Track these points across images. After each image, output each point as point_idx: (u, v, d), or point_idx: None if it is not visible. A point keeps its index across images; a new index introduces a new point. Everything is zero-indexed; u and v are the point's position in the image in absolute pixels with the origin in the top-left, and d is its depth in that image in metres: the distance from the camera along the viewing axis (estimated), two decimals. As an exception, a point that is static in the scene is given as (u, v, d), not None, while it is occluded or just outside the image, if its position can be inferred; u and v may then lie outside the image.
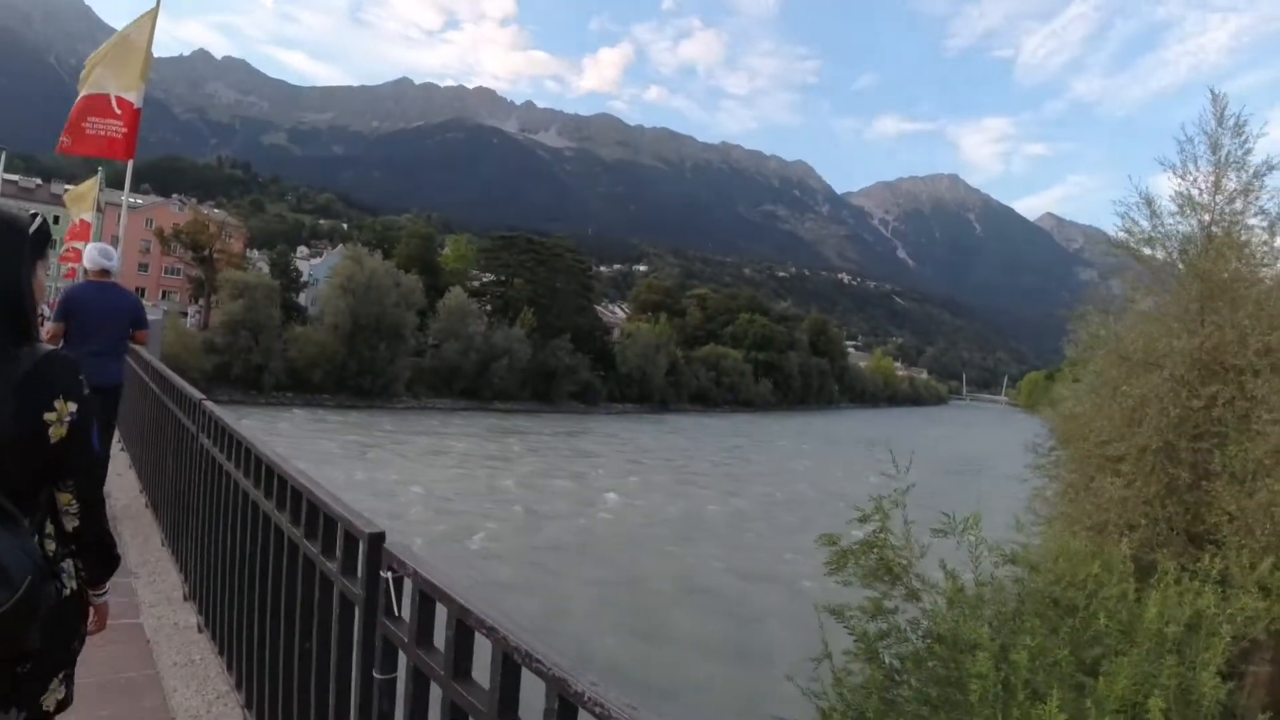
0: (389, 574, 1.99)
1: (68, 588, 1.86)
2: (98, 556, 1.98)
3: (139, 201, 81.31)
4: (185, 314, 69.37)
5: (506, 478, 35.29)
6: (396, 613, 1.98)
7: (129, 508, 6.57)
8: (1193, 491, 7.89)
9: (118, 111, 9.37)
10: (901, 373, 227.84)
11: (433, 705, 1.81)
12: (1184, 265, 8.68)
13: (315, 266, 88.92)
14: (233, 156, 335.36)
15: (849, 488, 41.00)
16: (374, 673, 2.05)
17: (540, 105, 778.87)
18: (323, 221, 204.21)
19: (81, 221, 17.28)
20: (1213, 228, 8.63)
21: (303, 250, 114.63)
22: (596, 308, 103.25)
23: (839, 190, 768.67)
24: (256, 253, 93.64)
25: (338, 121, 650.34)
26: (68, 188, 69.36)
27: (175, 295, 77.71)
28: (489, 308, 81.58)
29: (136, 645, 4.05)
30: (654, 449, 52.62)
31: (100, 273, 6.55)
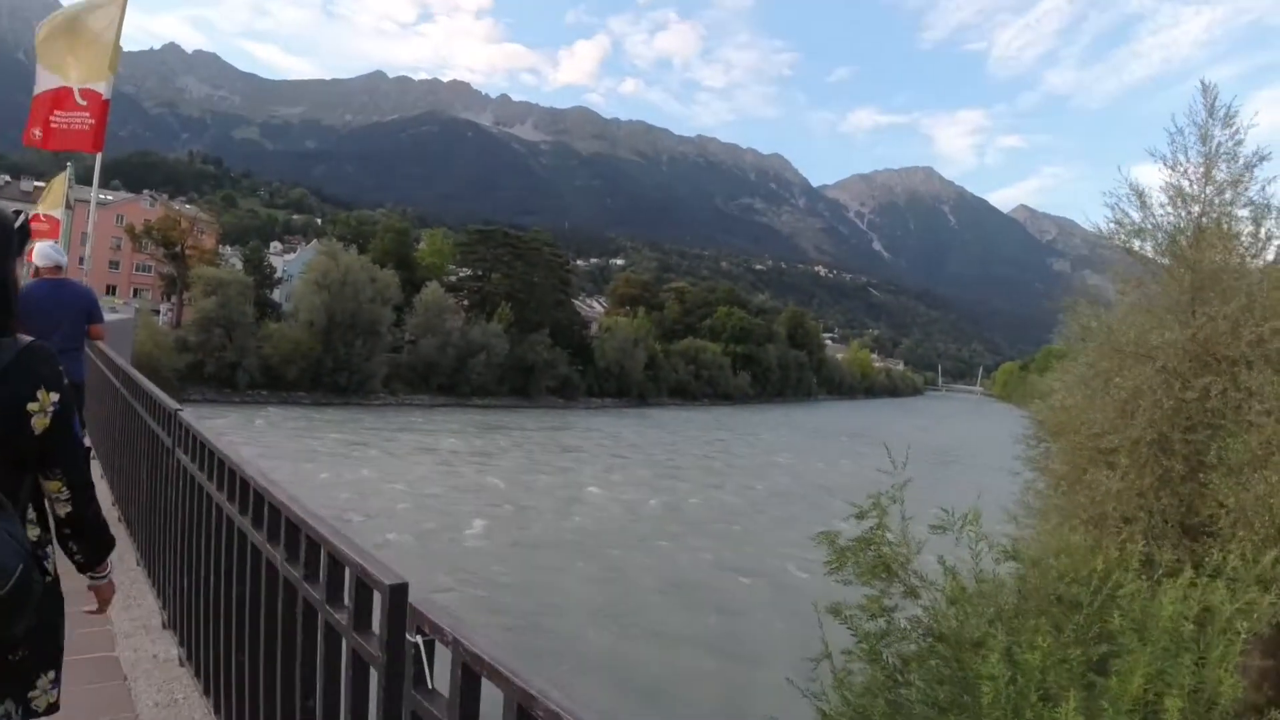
0: (419, 638, 1.63)
1: (50, 575, 1.86)
2: (94, 538, 2.03)
3: (109, 198, 79.91)
4: (157, 312, 68.50)
5: (491, 474, 35.04)
6: (429, 684, 1.64)
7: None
8: (1186, 483, 7.86)
9: (82, 103, 9.11)
10: (878, 364, 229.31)
11: None
12: (1174, 257, 8.66)
13: (289, 262, 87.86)
14: (204, 151, 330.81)
15: (834, 480, 41.33)
16: None
17: (516, 98, 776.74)
18: (296, 217, 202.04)
19: (47, 217, 16.81)
20: (1203, 219, 8.59)
21: (276, 246, 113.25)
22: (574, 302, 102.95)
23: (815, 183, 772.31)
24: (229, 249, 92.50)
25: (310, 115, 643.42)
26: (38, 184, 68.14)
27: (147, 293, 76.53)
28: (466, 303, 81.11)
29: (113, 683, 3.76)
30: (638, 443, 52.54)
31: (53, 269, 6.46)
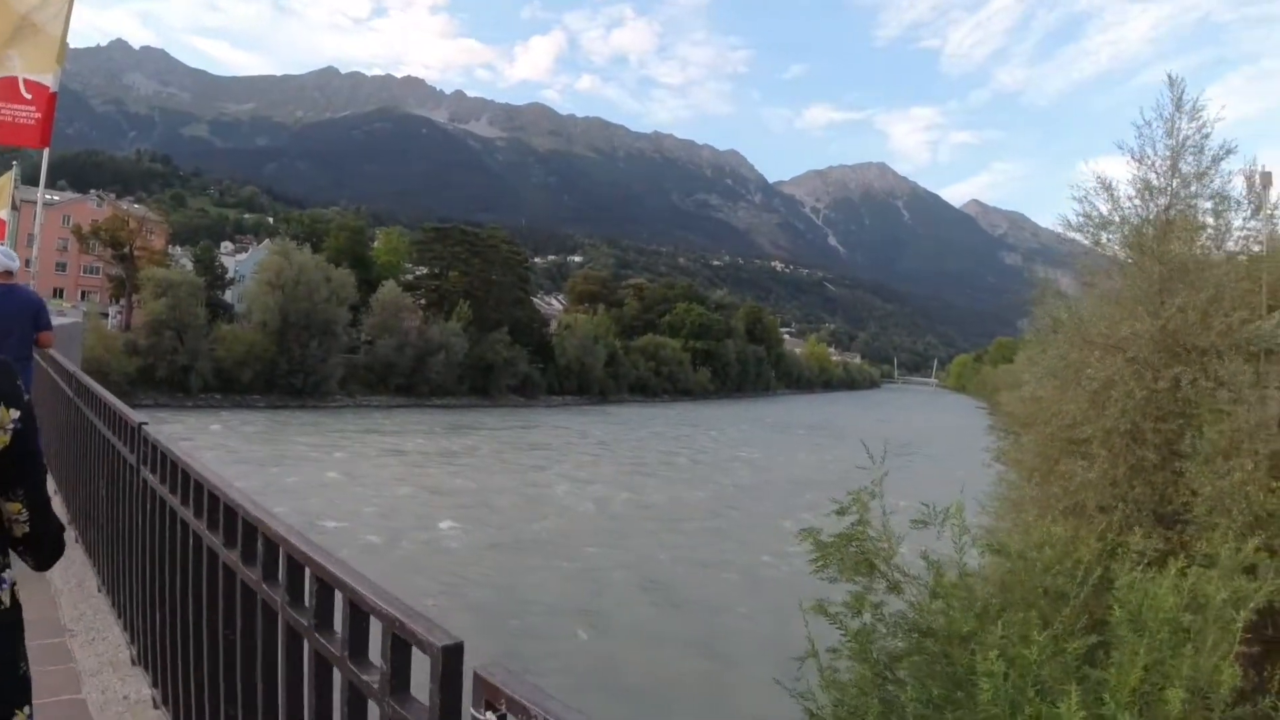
0: (490, 715, 1.19)
1: (5, 602, 1.71)
2: (49, 551, 1.86)
3: (55, 198, 77.59)
4: (106, 315, 66.84)
5: (461, 474, 34.85)
6: None
7: (56, 541, 5.87)
8: (1159, 472, 7.96)
9: (27, 96, 8.66)
10: (836, 358, 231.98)
11: None
12: (1142, 249, 8.75)
13: (241, 262, 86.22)
14: (152, 149, 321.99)
15: (800, 474, 41.78)
16: None
17: (471, 94, 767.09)
18: (247, 216, 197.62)
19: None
20: (1170, 211, 8.71)
21: (227, 246, 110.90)
22: (533, 300, 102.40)
23: (771, 179, 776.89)
24: (179, 249, 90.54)
25: (261, 112, 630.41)
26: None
27: (95, 295, 74.57)
28: (423, 302, 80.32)
29: (82, 732, 3.35)
30: (605, 440, 52.62)
31: (3, 275, 6.16)
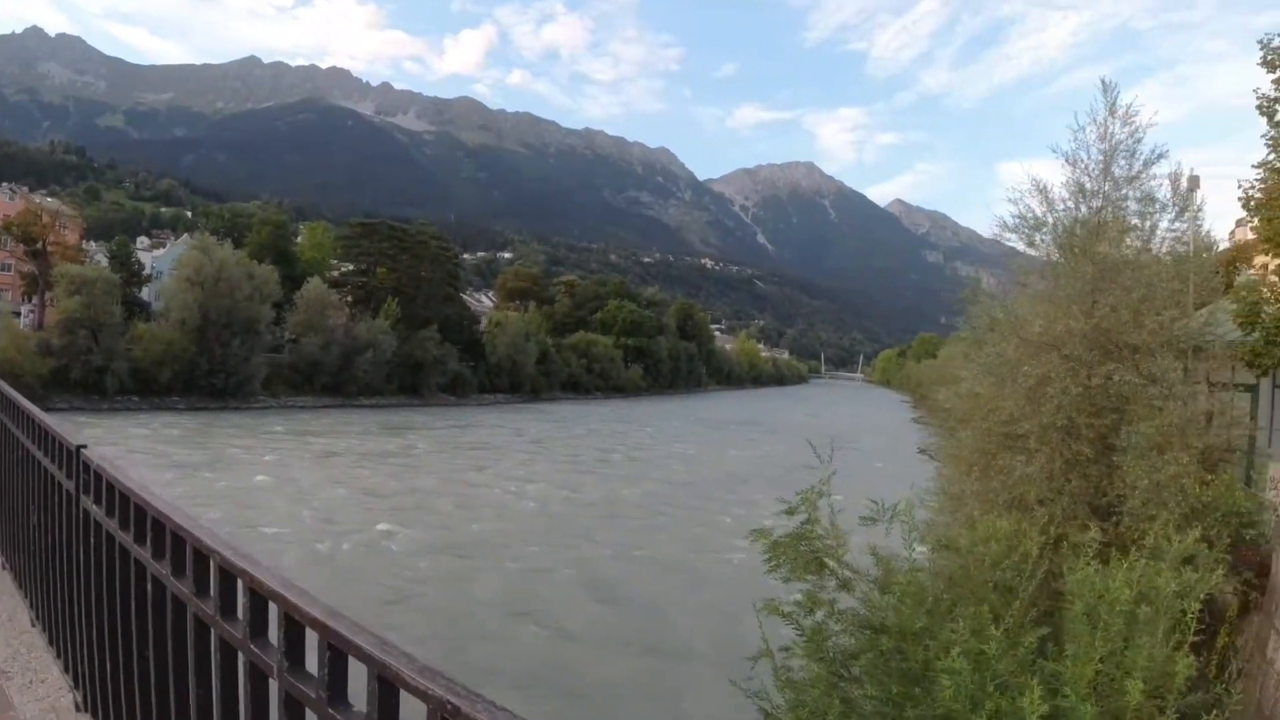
0: None
1: None
2: None
3: (-35, 192, 73.52)
4: (18, 314, 63.52)
5: (400, 476, 34.31)
6: None
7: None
8: (1094, 466, 8.23)
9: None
10: (765, 354, 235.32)
11: None
12: (1075, 249, 9.03)
13: (158, 258, 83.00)
14: (67, 140, 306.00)
15: (737, 469, 42.45)
16: None
17: (398, 87, 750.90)
18: (164, 209, 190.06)
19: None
20: (1103, 213, 9.02)
21: (143, 241, 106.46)
22: (463, 297, 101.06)
23: (701, 177, 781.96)
24: (94, 245, 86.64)
25: (179, 102, 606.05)
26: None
27: (6, 293, 70.87)
28: (350, 299, 78.57)
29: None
30: (543, 439, 52.40)
31: None
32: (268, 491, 28.40)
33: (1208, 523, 6.52)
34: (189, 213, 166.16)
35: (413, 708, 1.35)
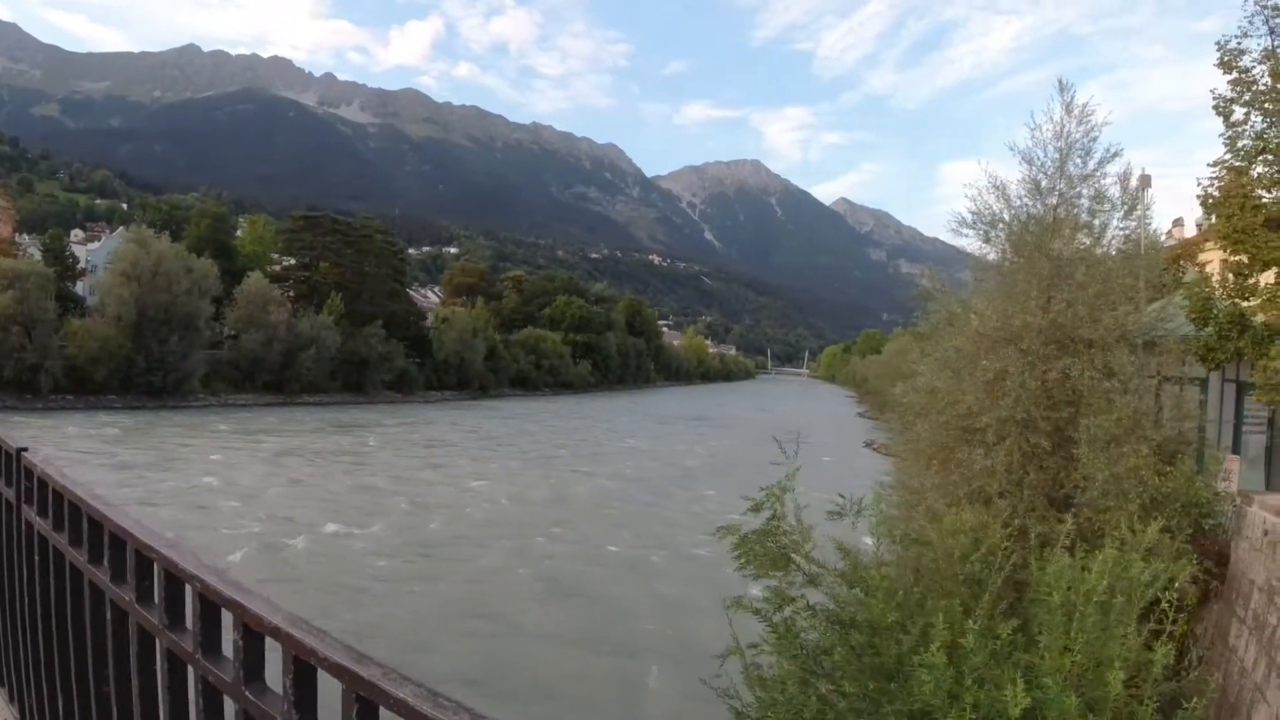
0: None
1: None
2: None
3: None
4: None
5: (356, 474, 33.83)
6: None
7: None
8: (1051, 458, 8.35)
9: None
10: (712, 350, 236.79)
11: None
12: (1032, 246, 9.15)
13: (93, 251, 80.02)
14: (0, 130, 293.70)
15: (691, 463, 42.88)
16: None
17: (342, 78, 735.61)
18: (99, 201, 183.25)
19: None
20: (1058, 210, 9.16)
21: (78, 234, 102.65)
22: (409, 292, 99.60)
23: (649, 173, 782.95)
24: (27, 238, 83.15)
25: (116, 91, 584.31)
26: None
27: (-67, 289, 67.26)
28: (292, 294, 76.74)
29: None
30: (496, 436, 52.16)
31: None
32: (216, 492, 27.66)
33: (1167, 513, 6.66)
34: (125, 205, 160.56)
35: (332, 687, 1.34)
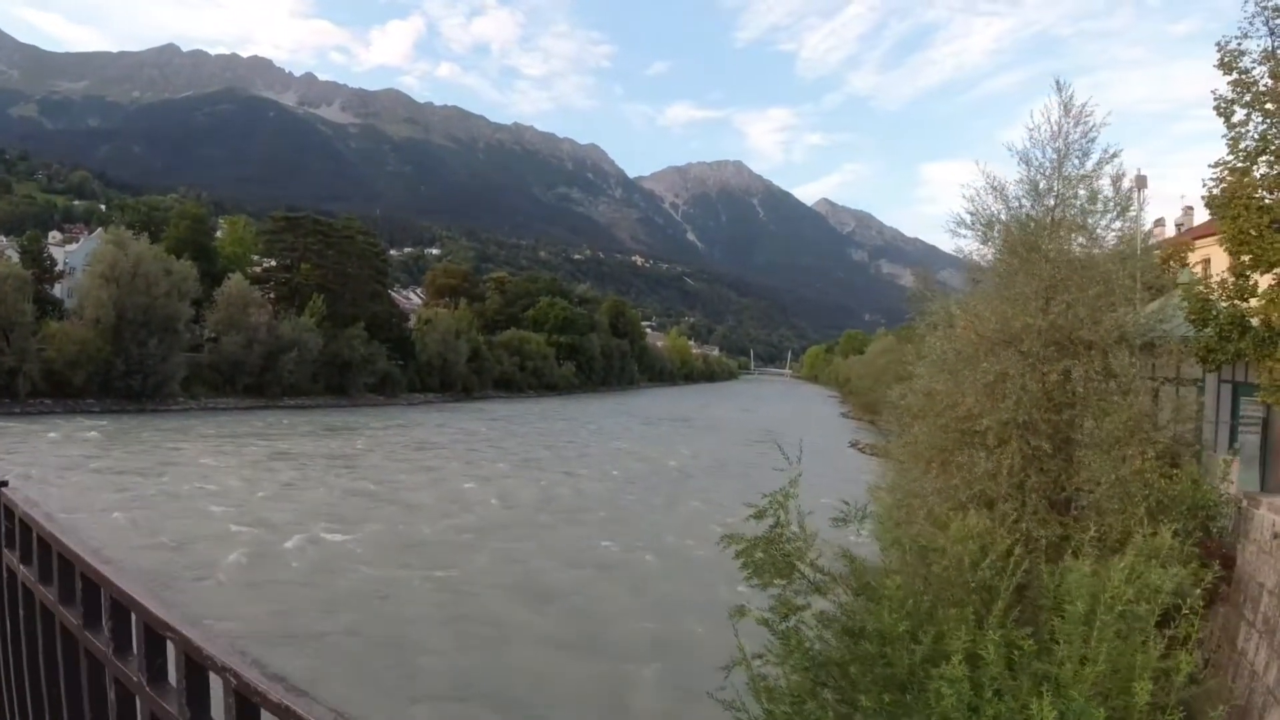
0: None
1: None
2: None
3: None
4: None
5: (346, 476, 33.72)
6: None
7: None
8: (1052, 460, 8.31)
9: None
10: (696, 351, 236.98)
11: None
12: (1031, 247, 9.12)
13: (71, 253, 78.97)
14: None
15: (680, 464, 43.04)
16: None
17: (322, 78, 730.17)
18: (77, 203, 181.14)
19: None
20: (1057, 211, 9.13)
21: (56, 235, 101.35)
22: (391, 293, 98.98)
23: (631, 174, 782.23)
24: (4, 239, 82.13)
25: (94, 91, 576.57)
26: None
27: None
28: (273, 296, 75.94)
29: None
30: (487, 438, 52.11)
31: None
32: (201, 498, 27.39)
33: (1173, 516, 6.62)
34: (103, 206, 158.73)
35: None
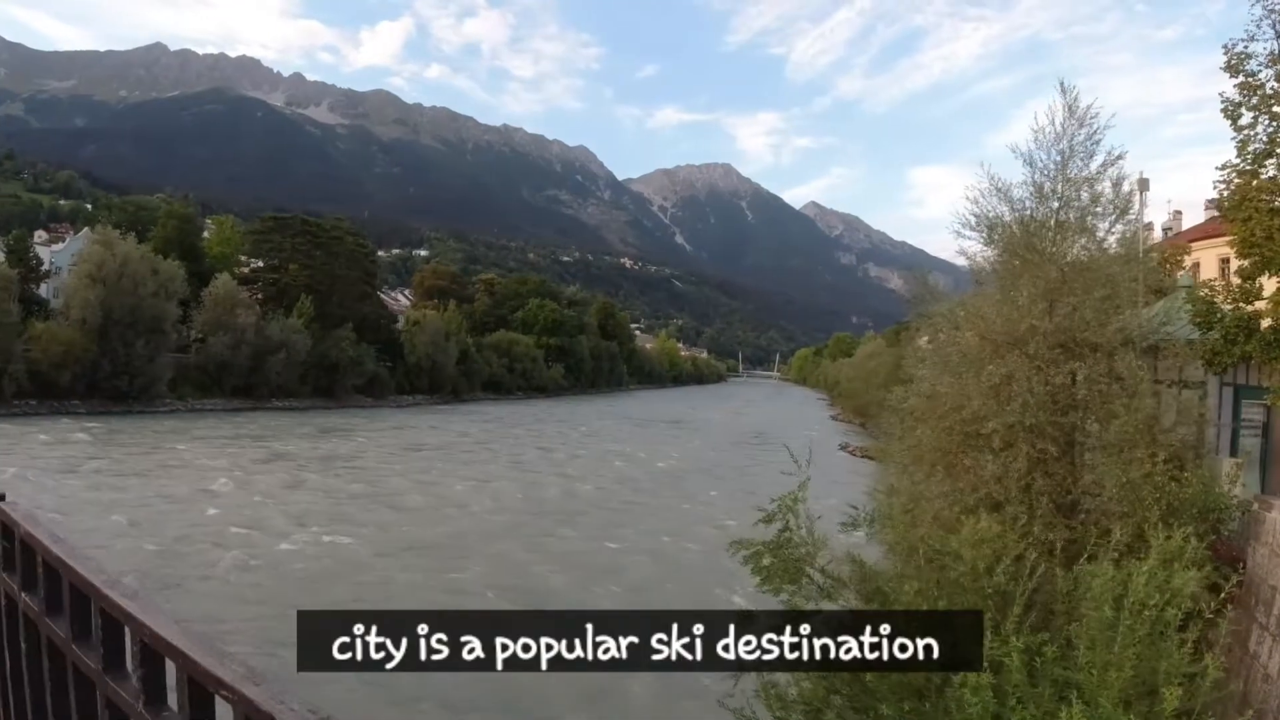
0: None
1: None
2: None
3: None
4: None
5: (345, 479, 33.61)
6: None
7: None
8: (1058, 463, 8.30)
9: None
10: (684, 353, 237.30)
11: None
12: (1033, 249, 9.12)
13: (58, 253, 78.12)
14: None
15: (674, 465, 43.41)
16: None
17: (311, 78, 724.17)
18: (63, 202, 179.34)
19: None
20: (1060, 213, 9.13)
21: (42, 235, 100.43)
22: (380, 295, 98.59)
23: (620, 176, 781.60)
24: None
25: (81, 90, 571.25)
26: None
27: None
28: (261, 297, 75.47)
29: None
30: (477, 439, 52.20)
31: None
32: (191, 501, 27.21)
33: (1183, 519, 6.61)
34: (89, 205, 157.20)
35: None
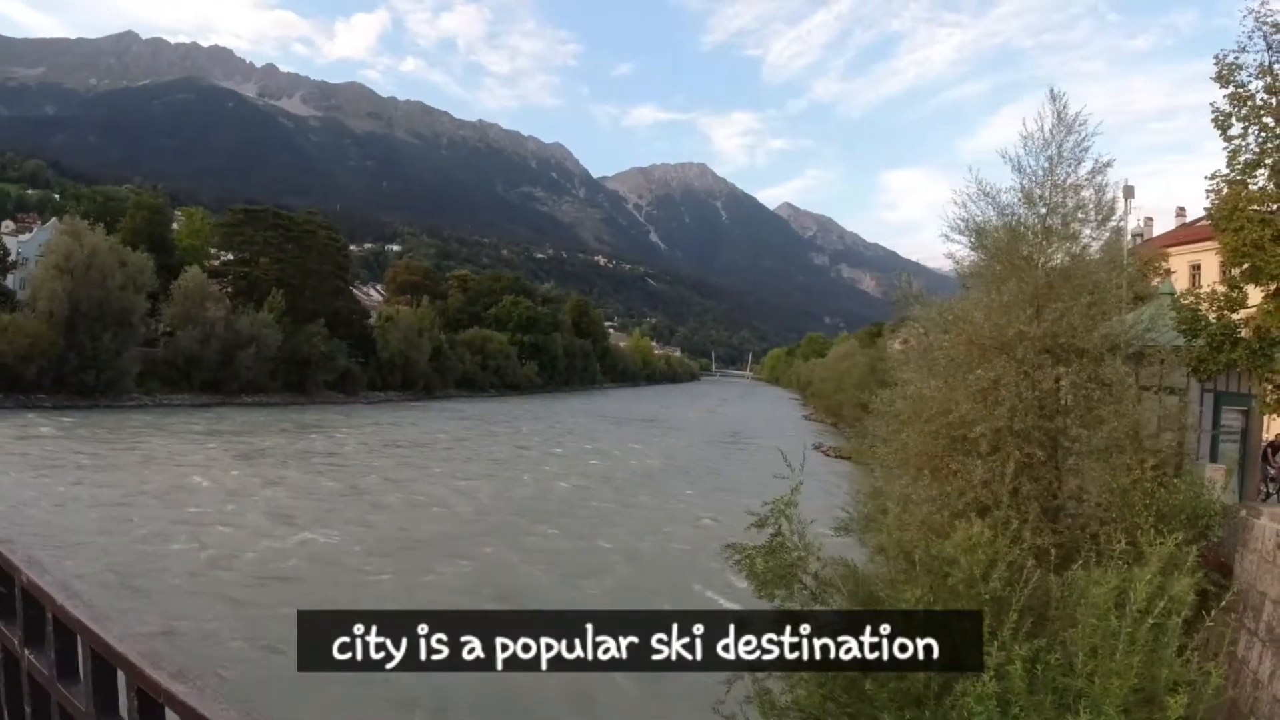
0: None
1: None
2: None
3: None
4: None
5: (323, 477, 33.48)
6: None
7: None
8: (1045, 468, 8.36)
9: None
10: (658, 351, 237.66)
11: None
12: (1019, 254, 9.18)
13: (24, 243, 76.72)
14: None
15: (651, 464, 43.44)
16: None
17: (284, 69, 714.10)
18: (31, 191, 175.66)
19: None
20: (1048, 219, 9.20)
21: (9, 225, 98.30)
22: (352, 290, 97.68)
23: (595, 174, 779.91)
24: (-45, 229, 79.38)
25: (50, 78, 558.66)
26: None
27: None
28: (231, 290, 74.45)
29: None
30: (455, 436, 52.24)
31: None
32: (160, 499, 26.91)
33: (1172, 525, 6.67)
34: (58, 195, 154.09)
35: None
